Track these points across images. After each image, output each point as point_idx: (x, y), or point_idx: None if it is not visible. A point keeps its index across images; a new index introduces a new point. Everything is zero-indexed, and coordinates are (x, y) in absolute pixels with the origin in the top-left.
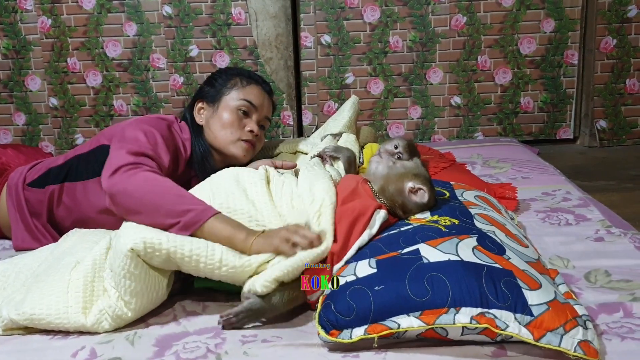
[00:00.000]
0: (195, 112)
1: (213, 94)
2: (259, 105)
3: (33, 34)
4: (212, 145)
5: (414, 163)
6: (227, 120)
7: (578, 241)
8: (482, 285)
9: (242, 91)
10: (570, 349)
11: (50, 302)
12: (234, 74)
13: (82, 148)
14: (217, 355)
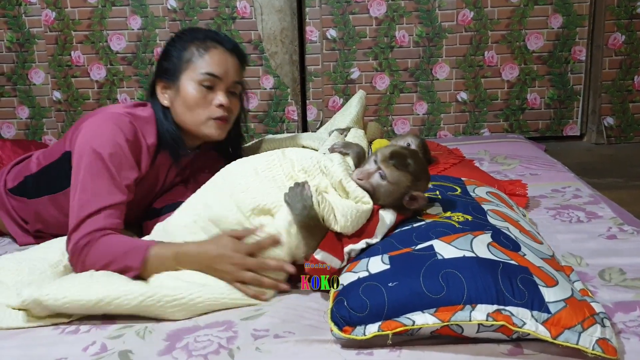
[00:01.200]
0: (159, 93)
1: (171, 71)
2: (222, 74)
3: (37, 27)
4: (182, 128)
5: (398, 174)
6: (191, 100)
7: (590, 239)
8: (498, 282)
9: (200, 63)
10: (588, 347)
11: (73, 282)
12: (189, 41)
13: (51, 153)
14: (229, 350)
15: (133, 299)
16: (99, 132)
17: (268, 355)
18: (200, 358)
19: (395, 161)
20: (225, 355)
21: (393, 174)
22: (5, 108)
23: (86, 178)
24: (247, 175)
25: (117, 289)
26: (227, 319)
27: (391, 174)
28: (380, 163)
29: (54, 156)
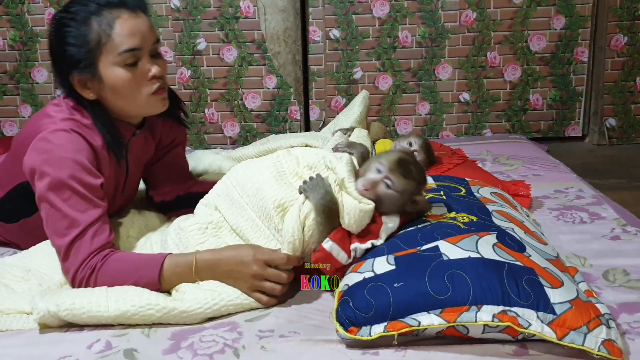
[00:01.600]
0: (79, 89)
1: (82, 62)
2: (141, 44)
3: (40, 25)
4: (121, 115)
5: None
6: (120, 86)
7: (594, 239)
8: (503, 283)
9: (112, 41)
10: (594, 348)
11: (91, 294)
12: (85, 18)
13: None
14: (234, 349)
15: (152, 314)
16: (48, 162)
17: (273, 354)
18: (206, 357)
19: (402, 169)
20: (231, 354)
21: (401, 183)
22: (7, 106)
23: (56, 206)
24: (256, 177)
25: (136, 304)
26: (232, 320)
27: (399, 183)
28: (388, 172)
29: (11, 181)
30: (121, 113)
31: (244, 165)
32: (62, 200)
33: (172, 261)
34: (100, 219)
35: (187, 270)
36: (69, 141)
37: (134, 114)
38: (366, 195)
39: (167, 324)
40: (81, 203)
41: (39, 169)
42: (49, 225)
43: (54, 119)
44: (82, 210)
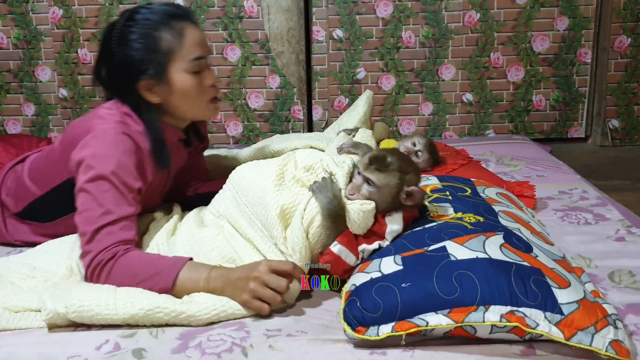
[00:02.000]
0: (144, 93)
1: (153, 68)
2: (205, 53)
3: (44, 24)
4: (179, 118)
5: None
6: (189, 91)
7: (599, 241)
8: (511, 284)
9: (183, 50)
10: (602, 349)
11: (100, 295)
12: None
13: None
14: (242, 348)
15: (161, 317)
16: (96, 155)
17: (281, 353)
18: (214, 356)
19: (375, 165)
20: (239, 353)
21: (379, 178)
22: (11, 105)
23: (93, 196)
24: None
25: (144, 307)
26: (239, 319)
27: (377, 179)
28: (363, 172)
29: (56, 178)
30: (180, 116)
31: (245, 171)
32: (101, 191)
33: (185, 275)
34: (131, 217)
35: (198, 282)
36: (119, 142)
37: (190, 117)
38: (354, 199)
39: (174, 325)
40: (118, 198)
41: (86, 162)
42: (82, 212)
43: (106, 120)
44: (118, 204)
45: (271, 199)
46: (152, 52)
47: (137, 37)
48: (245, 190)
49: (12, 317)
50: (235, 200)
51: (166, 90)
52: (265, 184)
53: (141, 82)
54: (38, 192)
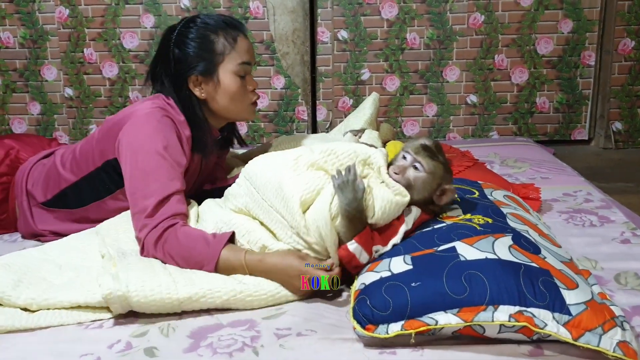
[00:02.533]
0: (192, 87)
1: (205, 66)
2: (252, 61)
3: (50, 23)
4: (220, 116)
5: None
6: (234, 92)
7: (604, 243)
8: (520, 284)
9: (235, 54)
10: (609, 350)
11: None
12: (213, 32)
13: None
14: (253, 348)
15: (219, 297)
16: (144, 133)
17: (292, 352)
18: (226, 355)
19: (428, 152)
20: (250, 352)
21: (429, 164)
22: (17, 104)
23: (145, 172)
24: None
25: (204, 286)
26: (249, 318)
27: (427, 164)
28: (415, 155)
29: (91, 164)
30: (223, 114)
31: (259, 164)
32: (155, 167)
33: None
34: (182, 192)
35: (238, 265)
36: (164, 122)
37: (232, 117)
38: (397, 179)
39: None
40: (171, 172)
41: (134, 144)
42: (138, 188)
43: (149, 106)
44: (171, 178)
45: (289, 190)
46: (206, 52)
47: (194, 37)
48: (262, 185)
49: (43, 316)
50: (252, 195)
51: (213, 87)
52: (281, 174)
53: (191, 77)
54: (72, 178)
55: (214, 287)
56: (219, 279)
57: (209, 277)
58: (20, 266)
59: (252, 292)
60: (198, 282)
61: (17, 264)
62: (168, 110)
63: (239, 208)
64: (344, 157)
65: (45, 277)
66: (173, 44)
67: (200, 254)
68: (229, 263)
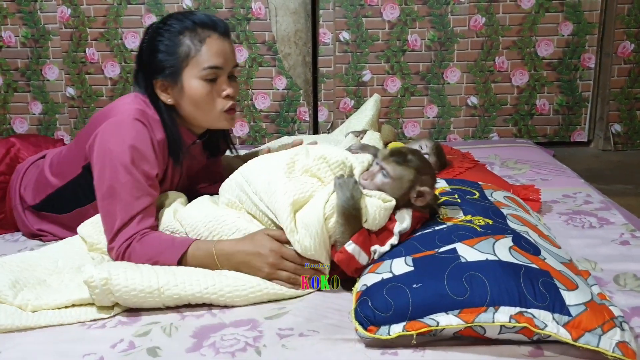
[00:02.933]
0: (159, 93)
1: (170, 70)
2: (224, 64)
3: (52, 23)
4: (190, 123)
5: (400, 169)
6: (198, 98)
7: (603, 244)
8: (520, 285)
9: (200, 57)
10: (608, 350)
11: (141, 271)
12: (179, 33)
13: (69, 164)
14: (256, 348)
15: (196, 286)
16: (115, 140)
17: (294, 352)
18: (228, 355)
19: (395, 157)
20: (253, 352)
21: (395, 170)
22: (18, 103)
23: (112, 188)
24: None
25: (182, 275)
26: (252, 318)
27: (393, 170)
28: (381, 162)
29: (73, 170)
30: (192, 121)
31: (255, 163)
32: (121, 184)
33: (195, 246)
34: (149, 207)
35: (207, 257)
36: (133, 129)
37: (203, 125)
38: (366, 185)
39: (204, 304)
40: (135, 190)
41: (103, 149)
42: (104, 205)
43: (124, 107)
44: (137, 196)
45: (280, 186)
46: (170, 55)
47: (162, 39)
48: (254, 179)
49: (42, 316)
50: (243, 189)
51: (178, 93)
52: (275, 172)
53: (158, 82)
54: (57, 184)
55: (193, 277)
56: (200, 271)
57: (191, 269)
58: (17, 266)
59: (231, 283)
60: (179, 273)
61: (14, 263)
62: (145, 111)
63: (232, 201)
64: (335, 166)
65: (42, 278)
66: (145, 45)
67: (167, 249)
68: (198, 253)
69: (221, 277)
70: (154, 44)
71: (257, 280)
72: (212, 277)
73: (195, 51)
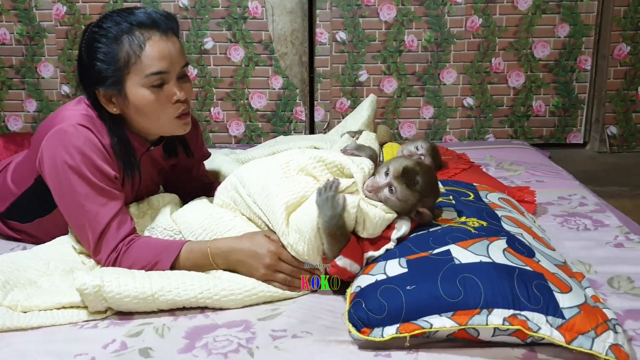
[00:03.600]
0: (103, 103)
1: (110, 79)
2: (170, 67)
3: (47, 20)
4: (140, 132)
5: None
6: (145, 107)
7: (598, 246)
8: (514, 288)
9: (142, 62)
10: (602, 353)
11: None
12: (116, 37)
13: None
14: (248, 349)
15: (191, 291)
16: (63, 150)
17: (287, 354)
18: (221, 356)
19: (406, 179)
20: (245, 353)
21: (403, 192)
22: (13, 101)
23: (75, 202)
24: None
25: (176, 280)
26: (245, 319)
27: (401, 191)
28: (392, 179)
29: (27, 179)
30: (142, 130)
31: (250, 165)
32: (83, 196)
33: (187, 247)
34: (120, 211)
35: (201, 257)
36: (80, 135)
37: (154, 133)
38: (370, 197)
39: (198, 307)
40: (101, 196)
41: (53, 161)
42: (72, 220)
43: (67, 113)
44: (103, 203)
45: (273, 189)
46: (111, 63)
47: (99, 46)
48: (249, 180)
49: (34, 316)
50: (238, 190)
51: (123, 102)
52: (269, 174)
53: (100, 92)
54: (16, 192)
55: (187, 281)
56: (195, 275)
57: (185, 273)
58: (8, 266)
59: (226, 287)
60: (173, 277)
61: (5, 264)
62: (90, 116)
63: (226, 203)
64: (332, 167)
65: (33, 279)
66: (83, 52)
67: (158, 255)
68: (191, 255)
69: (216, 280)
70: (91, 52)
71: (252, 283)
72: (207, 281)
73: (135, 57)
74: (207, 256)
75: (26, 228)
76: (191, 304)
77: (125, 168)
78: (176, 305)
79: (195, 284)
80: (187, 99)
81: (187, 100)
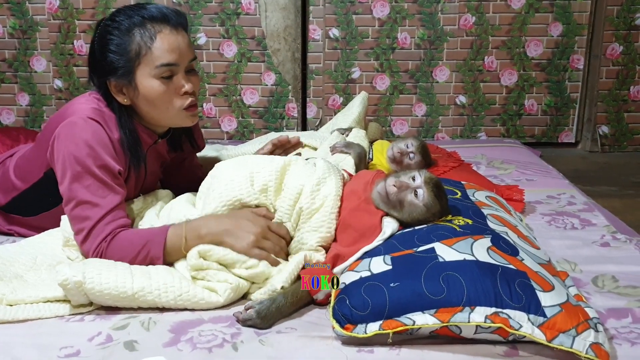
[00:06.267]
0: (114, 93)
1: (122, 70)
2: (179, 60)
3: (40, 14)
4: (149, 123)
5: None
6: (154, 97)
7: (584, 246)
8: (496, 286)
9: (151, 54)
10: (582, 351)
11: (117, 271)
12: (128, 30)
13: (31, 167)
14: (233, 344)
15: (171, 293)
16: (72, 142)
17: (271, 348)
18: (205, 351)
19: (436, 189)
20: (229, 348)
21: (430, 198)
22: (5, 94)
23: (78, 191)
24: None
25: (158, 281)
26: (230, 315)
27: (428, 198)
28: (423, 183)
29: (35, 174)
30: (151, 121)
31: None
32: (84, 186)
33: (174, 228)
34: (118, 206)
35: (188, 230)
36: (89, 128)
37: (163, 124)
38: (390, 191)
39: (177, 309)
40: (102, 189)
41: (63, 153)
42: (71, 207)
43: (78, 107)
44: (103, 196)
45: None
46: (123, 54)
47: (112, 38)
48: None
49: (21, 309)
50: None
51: (133, 93)
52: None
53: (111, 83)
54: (22, 186)
55: (168, 282)
56: (177, 277)
57: (166, 273)
58: None
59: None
60: (155, 277)
61: None
62: (100, 110)
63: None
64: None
65: (19, 273)
66: (95, 45)
67: (147, 240)
68: (176, 237)
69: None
70: (103, 44)
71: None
72: (187, 284)
73: (146, 49)
74: (195, 228)
75: (29, 221)
76: (170, 306)
77: (132, 161)
78: (156, 306)
79: (175, 285)
80: (195, 91)
81: (194, 93)
